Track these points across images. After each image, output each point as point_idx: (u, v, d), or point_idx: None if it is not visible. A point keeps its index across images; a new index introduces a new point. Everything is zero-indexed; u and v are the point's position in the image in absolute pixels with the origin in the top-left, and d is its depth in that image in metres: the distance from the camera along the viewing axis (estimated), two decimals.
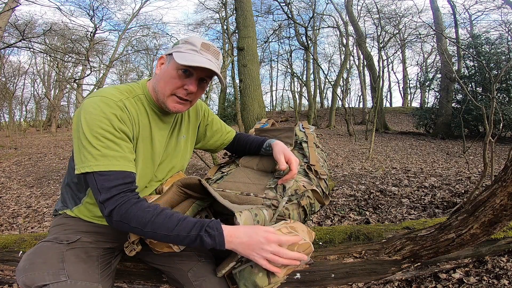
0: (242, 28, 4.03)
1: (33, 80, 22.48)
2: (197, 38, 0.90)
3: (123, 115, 0.83)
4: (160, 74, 0.90)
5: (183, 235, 0.74)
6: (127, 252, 0.88)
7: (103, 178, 0.76)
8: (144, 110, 0.92)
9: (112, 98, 0.82)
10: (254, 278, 0.80)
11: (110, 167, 0.77)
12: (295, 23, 14.75)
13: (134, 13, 17.74)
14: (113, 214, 0.75)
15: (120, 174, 0.78)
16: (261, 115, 3.81)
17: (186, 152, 1.11)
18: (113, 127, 0.80)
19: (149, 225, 0.75)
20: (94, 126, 0.78)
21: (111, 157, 0.78)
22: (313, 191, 0.99)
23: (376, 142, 8.99)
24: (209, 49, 0.89)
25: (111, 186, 0.76)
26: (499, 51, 9.59)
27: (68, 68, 19.67)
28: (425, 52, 22.95)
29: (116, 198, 0.76)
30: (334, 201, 2.77)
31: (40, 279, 0.75)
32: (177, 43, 0.91)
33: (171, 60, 0.88)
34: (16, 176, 5.29)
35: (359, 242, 1.30)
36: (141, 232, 0.76)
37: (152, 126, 0.93)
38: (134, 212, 0.75)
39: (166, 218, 0.75)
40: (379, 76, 10.39)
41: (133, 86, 0.93)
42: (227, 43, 16.46)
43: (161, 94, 0.90)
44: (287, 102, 34.70)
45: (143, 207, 0.76)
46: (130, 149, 0.84)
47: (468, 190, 2.85)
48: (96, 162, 0.77)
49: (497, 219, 0.98)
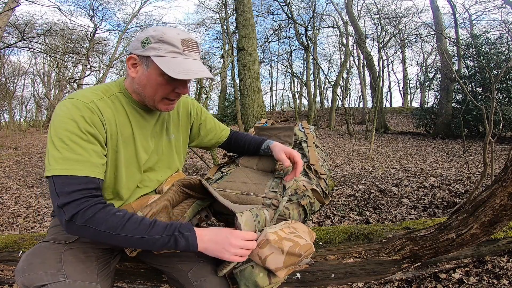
0: (242, 28, 4.03)
1: (33, 80, 22.50)
2: (172, 33, 0.81)
3: (93, 117, 0.79)
4: (142, 80, 0.84)
5: (156, 237, 0.74)
6: (128, 252, 0.88)
7: (63, 182, 0.73)
8: (122, 108, 0.88)
9: (82, 100, 0.79)
10: (255, 278, 0.81)
11: (71, 171, 0.74)
12: (295, 23, 14.75)
13: (134, 13, 17.76)
14: (76, 218, 0.71)
15: (82, 179, 0.75)
16: (261, 115, 3.82)
17: (180, 152, 1.09)
18: (80, 130, 0.77)
19: (120, 229, 0.72)
20: (60, 128, 0.75)
21: (73, 161, 0.75)
22: (313, 190, 0.99)
23: (376, 142, 8.99)
24: (190, 46, 0.83)
25: (71, 190, 0.73)
26: (499, 51, 9.58)
27: (68, 68, 19.69)
28: (425, 52, 22.96)
29: (78, 202, 0.73)
30: (334, 201, 2.77)
31: (38, 280, 0.75)
32: (147, 41, 0.81)
33: (151, 64, 0.81)
34: (16, 176, 5.29)
35: (359, 242, 1.30)
36: (109, 236, 0.72)
37: (133, 125, 0.91)
38: (102, 216, 0.73)
39: (137, 222, 0.74)
40: (379, 76, 10.38)
41: (109, 85, 0.90)
42: (227, 43, 16.46)
43: (149, 99, 0.87)
44: (287, 102, 34.74)
45: (113, 211, 0.74)
46: (98, 154, 0.80)
47: (468, 190, 2.85)
48: (56, 166, 0.74)
49: (497, 219, 0.98)
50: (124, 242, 0.74)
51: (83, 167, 0.75)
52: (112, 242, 0.75)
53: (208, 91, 18.23)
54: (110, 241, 0.74)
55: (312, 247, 0.82)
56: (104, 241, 0.75)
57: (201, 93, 6.36)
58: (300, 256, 0.81)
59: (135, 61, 0.84)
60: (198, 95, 6.62)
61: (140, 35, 0.84)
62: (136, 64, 0.85)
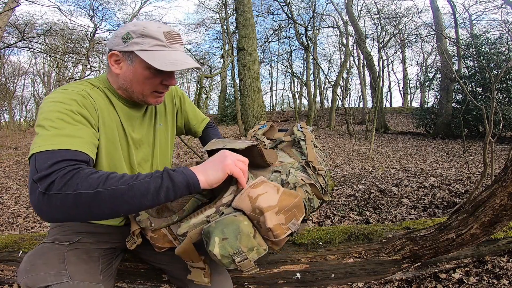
0: (242, 28, 4.03)
1: (33, 80, 22.49)
2: (153, 26, 0.81)
3: (85, 101, 0.77)
4: (128, 75, 0.83)
5: (146, 181, 0.63)
6: (128, 246, 0.87)
7: (47, 157, 0.63)
8: (108, 100, 0.87)
9: (73, 89, 0.78)
10: (238, 223, 0.68)
11: (59, 145, 0.65)
12: (295, 23, 14.75)
13: (134, 13, 17.74)
14: (52, 187, 0.59)
15: (70, 152, 0.66)
16: (261, 115, 3.81)
17: (168, 140, 1.08)
18: (71, 111, 0.72)
19: (105, 182, 0.61)
20: (49, 112, 0.70)
21: (63, 136, 0.67)
22: (311, 185, 0.99)
23: (376, 142, 8.99)
24: (173, 38, 0.82)
25: (53, 162, 0.62)
26: (499, 51, 9.59)
27: (68, 68, 19.64)
28: (425, 52, 22.95)
29: (58, 171, 0.61)
30: (334, 201, 2.77)
31: (42, 280, 0.75)
32: (128, 36, 0.80)
33: (135, 58, 0.80)
34: (16, 176, 5.29)
35: (359, 242, 1.30)
36: (92, 196, 0.59)
37: (122, 117, 0.89)
38: (81, 177, 0.61)
39: (121, 176, 0.64)
40: (379, 76, 10.39)
41: (92, 80, 0.88)
42: (227, 43, 16.47)
43: (138, 94, 0.86)
44: (287, 102, 34.72)
45: (92, 171, 0.64)
46: (90, 134, 0.75)
47: (468, 190, 2.85)
48: (42, 143, 0.65)
49: (497, 219, 0.98)
50: (112, 200, 0.60)
51: (73, 141, 0.68)
52: (99, 206, 0.60)
53: (208, 91, 18.22)
54: (94, 204, 0.60)
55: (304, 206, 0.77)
56: (89, 211, 0.60)
57: (201, 93, 6.36)
58: (296, 197, 0.73)
59: (118, 58, 0.83)
60: (198, 95, 6.63)
61: (119, 31, 0.82)
62: (119, 61, 0.83)
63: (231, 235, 0.66)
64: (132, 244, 0.87)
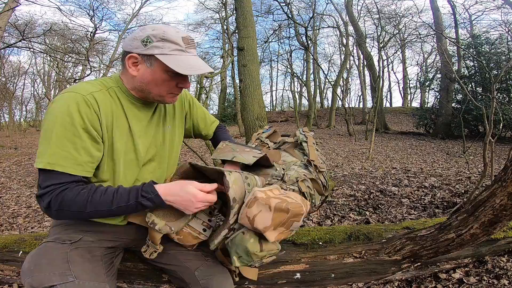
0: (242, 28, 4.02)
1: (33, 80, 22.50)
2: (172, 31, 0.84)
3: (89, 111, 0.80)
4: (146, 77, 0.86)
5: (124, 206, 0.79)
6: (146, 255, 0.90)
7: (45, 176, 0.78)
8: (119, 102, 0.89)
9: (80, 92, 0.80)
10: (245, 244, 0.79)
11: (55, 167, 0.76)
12: (295, 23, 14.73)
13: (134, 13, 17.74)
14: (51, 205, 0.76)
15: (63, 176, 0.78)
16: (261, 115, 3.80)
17: (176, 142, 1.08)
18: (73, 125, 0.77)
19: (89, 205, 0.77)
20: (54, 122, 0.77)
21: (59, 157, 0.77)
22: (312, 180, 1.02)
23: (376, 142, 8.99)
24: (189, 43, 0.86)
25: (49, 184, 0.77)
26: (499, 51, 9.59)
27: (68, 68, 19.65)
28: (425, 52, 22.95)
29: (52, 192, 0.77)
30: (334, 201, 2.77)
31: (47, 280, 0.75)
32: (148, 39, 0.82)
33: (155, 62, 0.83)
34: (16, 176, 5.29)
35: (359, 242, 1.30)
36: (84, 215, 0.78)
37: (130, 118, 0.91)
38: (70, 197, 0.76)
39: (102, 194, 0.79)
40: (379, 76, 10.40)
41: (106, 79, 0.91)
42: (227, 43, 16.47)
43: (156, 95, 0.89)
44: (287, 102, 34.75)
45: (78, 190, 0.78)
46: (87, 151, 0.80)
47: (468, 190, 2.85)
48: (42, 159, 0.77)
49: (497, 219, 0.98)
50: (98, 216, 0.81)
51: (67, 163, 0.78)
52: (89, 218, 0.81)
53: (208, 91, 18.23)
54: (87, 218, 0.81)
55: (302, 208, 0.80)
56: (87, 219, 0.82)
57: (201, 93, 6.36)
58: (287, 211, 0.78)
59: (136, 60, 0.85)
60: (198, 95, 6.63)
61: (138, 34, 0.84)
62: (137, 63, 0.86)
63: (243, 254, 0.80)
64: (152, 253, 0.90)
